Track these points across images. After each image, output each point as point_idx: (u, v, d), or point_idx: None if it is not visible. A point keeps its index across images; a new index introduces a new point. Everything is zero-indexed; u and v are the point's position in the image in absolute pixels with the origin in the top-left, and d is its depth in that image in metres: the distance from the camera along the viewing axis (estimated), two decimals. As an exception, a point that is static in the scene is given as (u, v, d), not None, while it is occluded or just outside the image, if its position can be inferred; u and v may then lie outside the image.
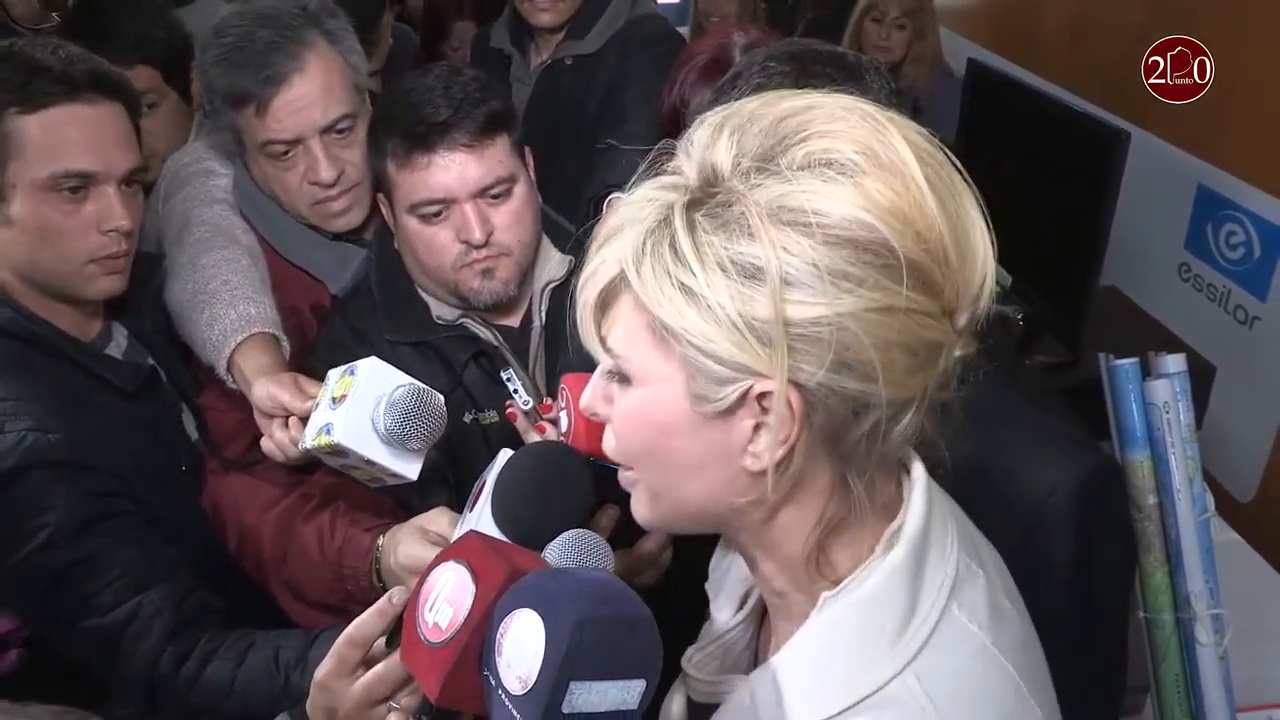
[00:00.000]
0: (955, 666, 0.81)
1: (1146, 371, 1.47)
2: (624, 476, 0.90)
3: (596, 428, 1.15)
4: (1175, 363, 1.46)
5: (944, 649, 0.80)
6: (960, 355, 0.79)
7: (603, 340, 0.82)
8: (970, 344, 0.79)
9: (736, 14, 3.69)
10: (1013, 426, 1.16)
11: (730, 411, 0.76)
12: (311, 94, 1.63)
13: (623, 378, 0.82)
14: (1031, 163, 2.46)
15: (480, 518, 1.25)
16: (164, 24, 2.12)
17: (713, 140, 0.77)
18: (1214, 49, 2.58)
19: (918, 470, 0.86)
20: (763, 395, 0.74)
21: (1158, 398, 1.44)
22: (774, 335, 0.72)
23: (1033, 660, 0.88)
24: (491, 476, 1.26)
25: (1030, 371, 2.04)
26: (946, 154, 0.78)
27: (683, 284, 0.73)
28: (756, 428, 0.77)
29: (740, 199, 0.73)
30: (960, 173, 0.78)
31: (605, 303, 0.81)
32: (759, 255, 0.71)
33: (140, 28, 2.06)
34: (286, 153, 1.66)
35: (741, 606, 1.02)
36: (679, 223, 0.74)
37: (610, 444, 0.89)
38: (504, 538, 1.19)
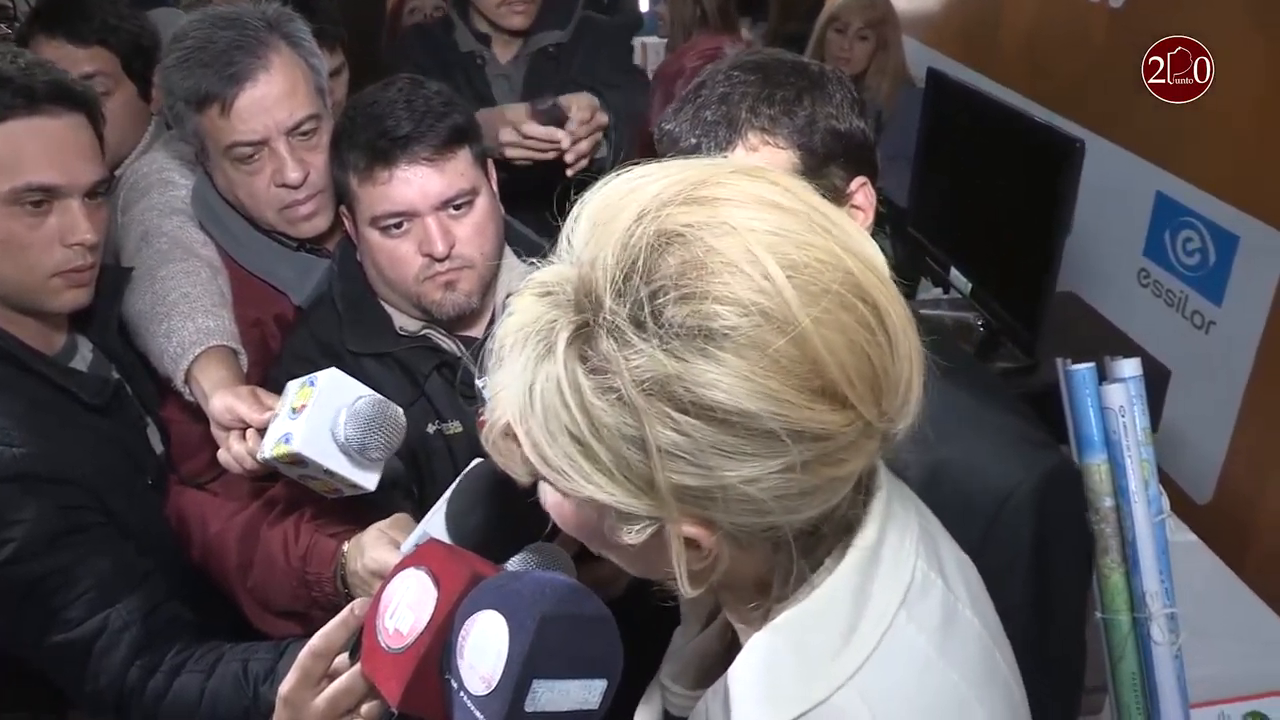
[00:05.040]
0: (900, 678, 0.80)
1: (1103, 376, 1.49)
2: None
3: None
4: (1131, 367, 1.48)
5: (889, 661, 0.79)
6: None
7: (515, 446, 0.78)
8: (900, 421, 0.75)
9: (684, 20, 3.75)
10: (973, 427, 1.17)
11: (648, 539, 0.75)
12: (275, 94, 1.63)
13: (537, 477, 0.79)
14: (990, 171, 2.49)
15: (433, 523, 1.25)
16: (132, 18, 2.11)
17: (589, 247, 0.71)
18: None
19: (879, 482, 0.85)
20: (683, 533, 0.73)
21: (1114, 402, 1.46)
22: (665, 498, 0.70)
23: (991, 672, 0.86)
24: (452, 486, 1.27)
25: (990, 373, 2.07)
26: (865, 256, 0.72)
27: (573, 436, 0.70)
28: (678, 544, 0.74)
29: (616, 367, 0.67)
30: (880, 279, 0.72)
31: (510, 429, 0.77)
32: (635, 428, 0.68)
33: (105, 15, 2.05)
34: (252, 155, 1.66)
35: (712, 618, 1.01)
36: (563, 370, 0.69)
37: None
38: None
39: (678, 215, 0.69)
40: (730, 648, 1.00)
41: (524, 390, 0.71)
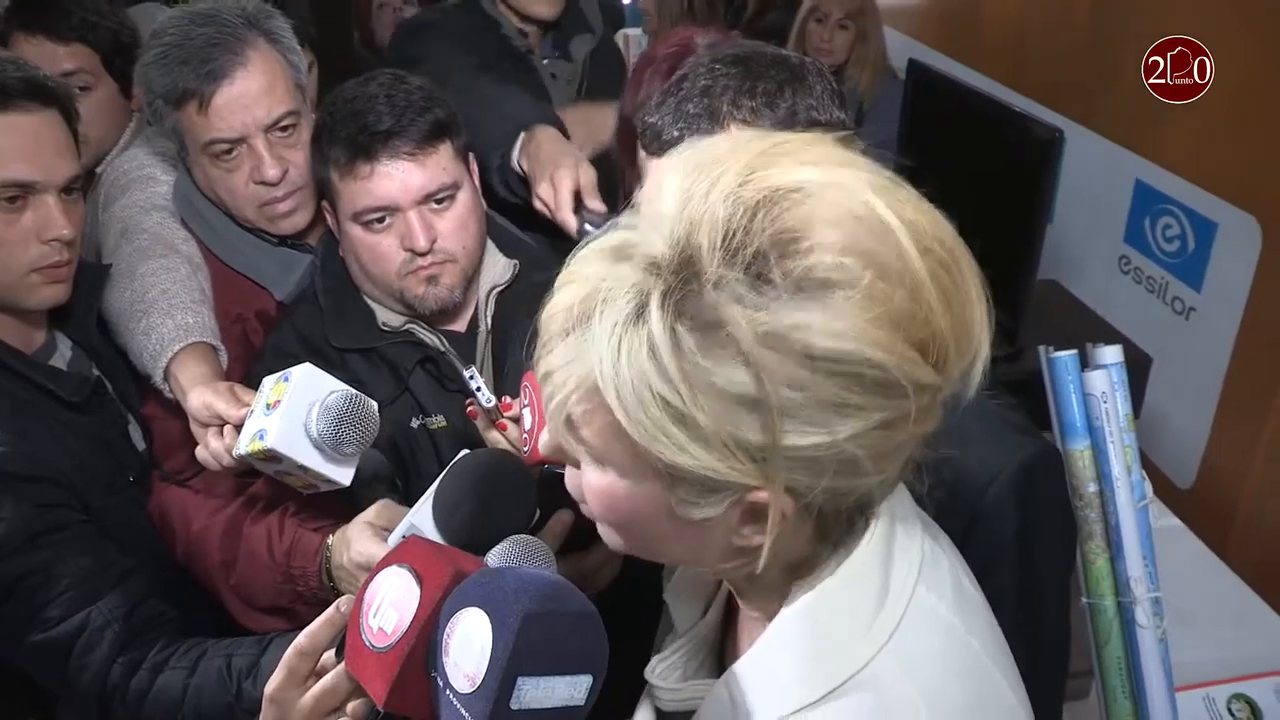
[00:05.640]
0: (930, 647, 0.81)
1: (1085, 363, 1.49)
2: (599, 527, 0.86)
3: None
4: (1112, 354, 1.49)
5: (917, 630, 0.81)
6: None
7: (572, 427, 0.76)
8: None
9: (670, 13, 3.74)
10: (956, 416, 1.18)
11: (721, 513, 0.74)
12: (254, 90, 1.62)
13: (594, 459, 0.77)
14: (971, 160, 2.50)
15: (419, 516, 1.25)
16: (111, 15, 2.10)
17: (684, 208, 0.70)
18: (1147, 49, 2.65)
19: None
20: (754, 502, 0.72)
21: (1096, 388, 1.47)
22: (770, 459, 0.68)
23: (999, 641, 0.88)
24: (439, 478, 1.27)
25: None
26: (945, 225, 0.73)
27: (667, 403, 0.67)
28: (743, 518, 0.75)
29: (731, 320, 0.66)
30: (961, 248, 0.73)
31: (578, 403, 0.74)
32: (753, 386, 0.66)
33: (84, 12, 2.04)
34: (230, 151, 1.65)
35: (706, 609, 1.01)
36: (659, 330, 0.67)
37: (577, 498, 0.84)
38: (440, 538, 1.19)
39: (788, 173, 0.69)
40: (727, 637, 1.01)
41: (607, 358, 0.68)
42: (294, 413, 1.35)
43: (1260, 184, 2.31)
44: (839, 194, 0.69)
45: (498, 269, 1.72)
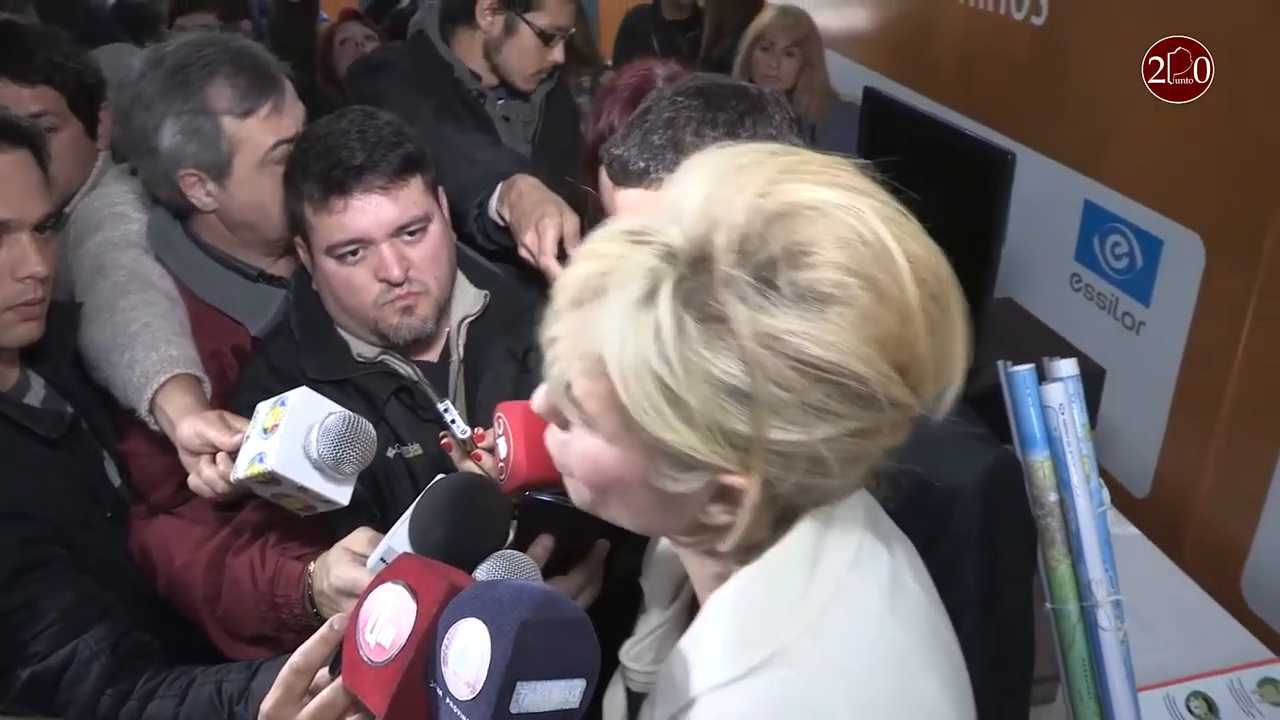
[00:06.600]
0: (854, 630, 0.85)
1: (1042, 376, 1.54)
2: (568, 482, 0.91)
3: (538, 455, 1.17)
4: (1068, 366, 1.53)
5: (843, 614, 0.85)
6: None
7: (569, 392, 0.81)
8: None
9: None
10: (921, 428, 1.22)
11: (695, 489, 0.80)
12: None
13: (586, 424, 0.83)
14: (927, 184, 2.54)
15: (396, 539, 1.28)
16: (76, 58, 2.11)
17: (706, 207, 0.75)
18: (1090, 74, 2.74)
19: None
20: (727, 485, 0.78)
21: (1053, 400, 1.51)
22: (752, 448, 0.74)
23: (941, 644, 0.91)
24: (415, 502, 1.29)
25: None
26: (940, 260, 0.78)
27: (663, 383, 0.73)
28: (714, 497, 0.80)
29: (734, 317, 0.71)
30: (952, 282, 0.79)
31: (579, 371, 0.80)
32: (746, 380, 0.72)
33: (49, 55, 2.05)
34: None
35: (674, 600, 1.06)
36: (666, 314, 0.72)
37: (555, 457, 0.90)
38: None
39: (807, 192, 0.75)
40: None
41: (614, 332, 0.74)
42: (293, 435, 1.38)
43: (1200, 201, 2.38)
44: (852, 217, 0.74)
45: (469, 299, 1.76)
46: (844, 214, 0.74)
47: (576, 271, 0.78)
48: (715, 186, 0.76)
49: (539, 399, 0.88)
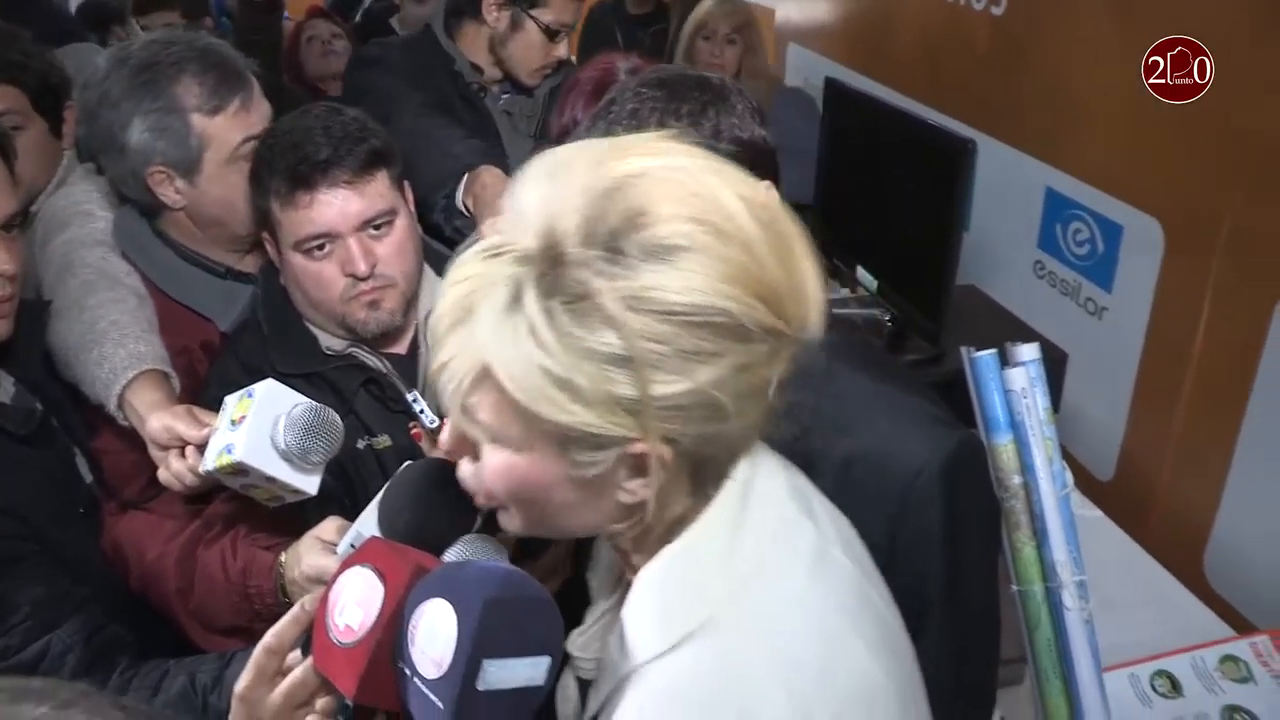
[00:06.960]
0: (779, 598, 0.88)
1: (1005, 361, 1.56)
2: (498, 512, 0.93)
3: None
4: (1030, 351, 1.55)
5: (767, 585, 0.88)
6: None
7: (468, 412, 0.84)
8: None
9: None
10: (881, 412, 1.24)
11: (608, 470, 0.82)
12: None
13: (492, 438, 0.85)
14: (890, 173, 2.60)
15: (365, 525, 1.29)
16: (39, 57, 2.10)
17: (544, 205, 0.79)
18: (1051, 64, 2.77)
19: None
20: (637, 454, 0.80)
21: (1016, 384, 1.53)
22: (643, 410, 0.77)
23: (875, 615, 0.94)
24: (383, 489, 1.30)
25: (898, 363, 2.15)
26: (770, 195, 0.83)
27: (549, 372, 0.76)
28: (629, 472, 0.83)
29: (596, 291, 0.75)
30: (786, 213, 0.84)
31: (470, 388, 0.82)
32: (621, 345, 0.75)
33: (12, 54, 2.04)
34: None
35: (615, 590, 1.08)
36: (535, 310, 0.76)
37: (475, 489, 0.91)
38: None
39: (629, 164, 0.80)
40: None
41: (492, 340, 0.77)
42: (260, 427, 1.39)
43: (1159, 187, 2.42)
44: (678, 174, 0.80)
45: (435, 292, 1.76)
46: (669, 173, 0.80)
47: (447, 299, 0.81)
48: (548, 186, 0.80)
49: (445, 437, 0.91)
